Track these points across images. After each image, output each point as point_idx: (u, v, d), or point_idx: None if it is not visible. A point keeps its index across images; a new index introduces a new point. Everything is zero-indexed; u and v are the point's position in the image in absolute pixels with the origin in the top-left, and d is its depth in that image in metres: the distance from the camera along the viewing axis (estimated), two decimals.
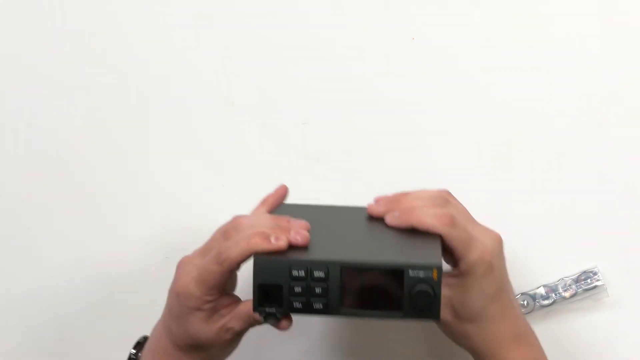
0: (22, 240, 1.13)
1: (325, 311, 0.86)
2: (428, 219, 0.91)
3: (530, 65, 1.05)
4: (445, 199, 0.94)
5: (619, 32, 1.05)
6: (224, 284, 0.90)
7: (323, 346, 1.12)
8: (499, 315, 0.94)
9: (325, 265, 0.86)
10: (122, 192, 1.11)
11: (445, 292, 0.91)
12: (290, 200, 0.98)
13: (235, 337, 0.93)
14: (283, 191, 0.97)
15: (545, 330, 1.09)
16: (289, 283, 0.86)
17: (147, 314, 1.13)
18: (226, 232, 0.90)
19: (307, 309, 0.86)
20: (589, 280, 1.08)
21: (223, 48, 1.07)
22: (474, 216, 0.95)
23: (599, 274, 1.08)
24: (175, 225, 1.11)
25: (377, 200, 0.96)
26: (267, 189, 0.97)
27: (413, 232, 0.91)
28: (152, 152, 1.10)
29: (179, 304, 0.91)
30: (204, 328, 0.91)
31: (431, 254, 0.87)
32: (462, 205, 0.95)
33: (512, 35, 1.05)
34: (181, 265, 0.92)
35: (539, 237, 1.09)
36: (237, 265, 0.88)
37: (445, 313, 0.92)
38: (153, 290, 1.13)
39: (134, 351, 0.99)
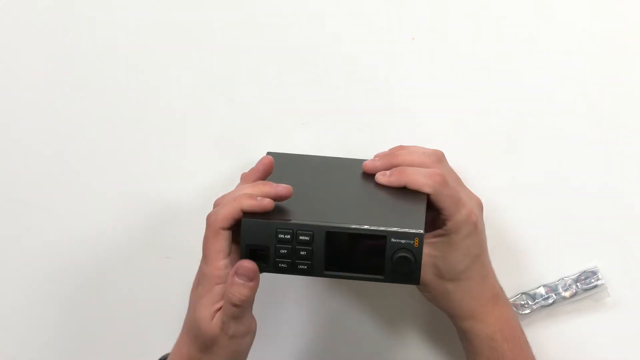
0: (21, 239, 1.13)
1: (309, 272, 0.91)
2: (420, 178, 0.94)
3: (530, 65, 1.05)
4: (439, 156, 0.99)
5: (620, 27, 1.05)
6: (226, 253, 0.92)
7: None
8: (480, 275, 0.97)
9: (310, 229, 0.89)
10: (122, 192, 1.11)
11: (429, 251, 0.95)
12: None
13: (231, 332, 0.92)
14: (264, 165, 0.97)
15: (545, 330, 1.10)
16: (275, 245, 0.90)
17: (147, 314, 1.13)
18: (214, 204, 0.94)
19: (292, 270, 0.91)
20: (589, 280, 1.08)
21: (223, 48, 1.07)
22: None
23: (599, 274, 1.08)
24: (175, 225, 1.11)
25: (375, 157, 1.00)
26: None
27: (402, 191, 0.95)
28: (152, 152, 1.10)
29: (194, 292, 0.93)
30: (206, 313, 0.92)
31: (415, 221, 0.90)
32: (451, 168, 0.99)
33: (512, 35, 1.05)
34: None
35: (539, 237, 1.09)
36: (228, 225, 0.91)
37: (427, 273, 0.96)
38: (153, 290, 1.13)
39: None
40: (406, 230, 0.89)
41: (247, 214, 0.90)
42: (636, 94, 1.06)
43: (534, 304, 1.09)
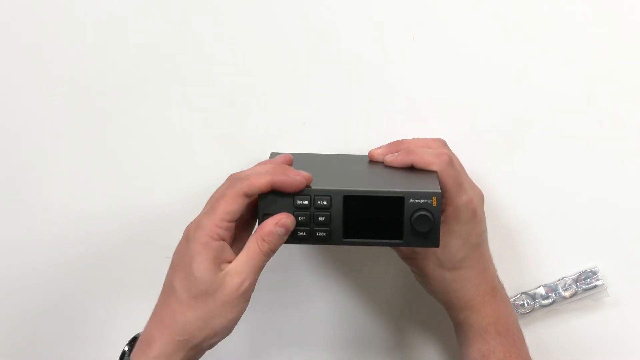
0: (20, 238, 1.13)
1: (327, 239, 0.90)
2: (427, 156, 0.95)
3: (531, 65, 1.05)
4: (443, 142, 1.01)
5: (621, 26, 1.05)
6: (233, 217, 0.90)
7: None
8: (479, 266, 0.98)
9: (328, 194, 0.89)
10: (121, 192, 1.11)
11: None
12: None
13: (242, 289, 0.90)
14: (289, 160, 0.97)
15: (545, 330, 1.10)
16: (293, 212, 0.90)
17: (146, 314, 1.13)
18: (235, 174, 0.92)
19: (311, 238, 0.90)
20: (589, 280, 1.09)
21: (223, 48, 1.07)
22: None
23: (599, 274, 1.09)
24: (175, 226, 1.11)
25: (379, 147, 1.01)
26: None
27: (411, 170, 0.96)
28: (151, 152, 1.10)
29: (186, 245, 0.91)
30: (210, 275, 0.89)
31: (430, 184, 0.91)
32: (455, 155, 1.00)
33: (512, 35, 1.05)
34: (187, 229, 0.92)
35: (539, 237, 1.09)
36: (252, 193, 0.89)
37: (428, 263, 0.97)
38: (153, 290, 1.13)
39: (128, 347, 0.98)
40: (423, 190, 0.89)
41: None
42: (637, 94, 1.06)
43: (534, 304, 1.09)
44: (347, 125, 1.07)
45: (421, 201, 0.89)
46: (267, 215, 0.90)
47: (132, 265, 1.13)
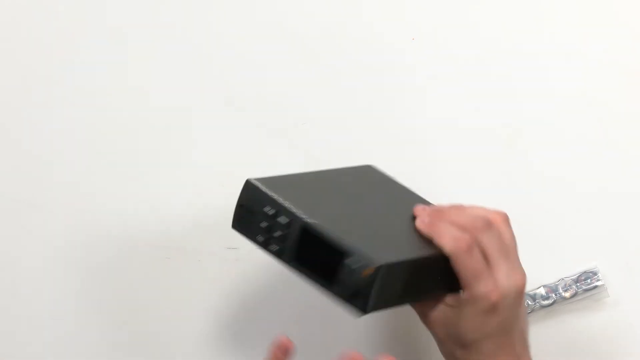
0: (19, 239, 1.13)
1: (278, 255, 0.89)
2: (446, 236, 0.89)
3: (531, 65, 1.05)
4: (487, 223, 0.90)
5: (622, 30, 1.05)
6: None
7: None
8: (491, 352, 0.91)
9: (291, 216, 0.88)
10: (121, 191, 1.11)
11: (443, 310, 0.90)
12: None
13: None
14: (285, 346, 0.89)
15: (545, 330, 1.10)
16: (260, 215, 0.89)
17: (146, 314, 1.13)
18: None
19: (265, 246, 0.89)
20: (589, 280, 1.08)
21: (222, 48, 1.07)
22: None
23: (599, 274, 1.08)
24: (175, 225, 1.11)
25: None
26: None
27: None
28: (151, 152, 1.10)
29: None
30: None
31: (389, 252, 0.86)
32: (508, 235, 0.91)
33: (513, 34, 1.05)
34: None
35: (539, 237, 1.09)
36: None
37: (440, 329, 0.91)
38: (153, 290, 1.13)
39: None
40: (365, 257, 0.84)
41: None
42: (637, 95, 1.06)
43: (534, 304, 1.09)
44: (346, 125, 1.08)
45: (354, 265, 0.84)
46: (242, 206, 0.90)
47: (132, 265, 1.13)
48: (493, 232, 0.90)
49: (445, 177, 1.08)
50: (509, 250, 0.91)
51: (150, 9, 1.07)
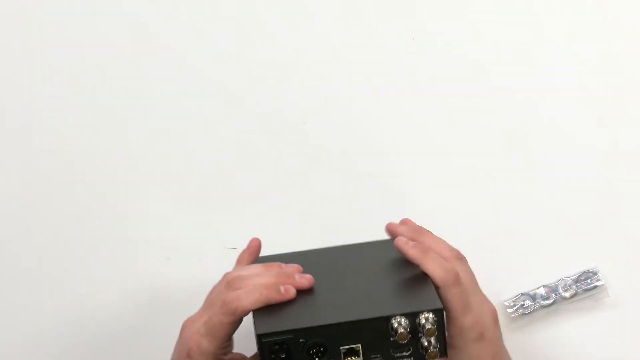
0: (21, 244, 1.13)
1: None
2: (437, 268, 0.90)
3: (531, 65, 1.05)
4: (460, 254, 0.94)
5: (620, 28, 1.05)
6: (232, 336, 0.90)
7: None
8: None
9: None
10: (121, 191, 1.11)
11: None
12: (288, 201, 0.98)
13: None
14: (256, 245, 0.95)
15: (545, 330, 1.10)
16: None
17: (146, 314, 1.13)
18: (230, 283, 0.90)
19: None
20: (589, 280, 1.08)
21: (222, 48, 1.07)
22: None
23: (599, 274, 1.08)
24: (175, 225, 1.11)
25: (403, 222, 0.96)
26: (265, 188, 0.97)
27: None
28: (150, 151, 1.10)
29: None
30: None
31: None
32: (470, 269, 0.94)
33: (512, 34, 1.05)
34: (186, 327, 0.91)
35: (539, 237, 1.09)
36: (248, 313, 0.88)
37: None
38: (153, 290, 1.13)
39: None
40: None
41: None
42: (636, 95, 1.06)
43: (534, 305, 1.09)
44: (345, 125, 1.08)
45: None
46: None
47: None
48: (465, 265, 0.94)
49: (445, 176, 1.08)
50: (475, 281, 0.94)
51: (150, 7, 1.07)
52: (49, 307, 1.13)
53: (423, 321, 0.85)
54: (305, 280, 0.89)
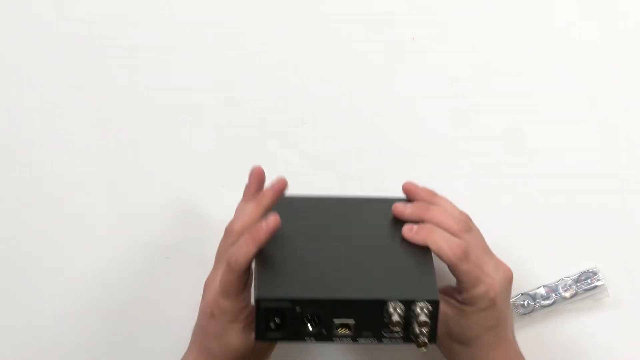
0: (19, 241, 1.13)
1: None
2: (444, 246, 0.92)
3: (530, 65, 1.05)
4: (467, 224, 0.95)
5: (620, 28, 1.05)
6: (246, 289, 0.92)
7: None
8: (491, 344, 0.95)
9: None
10: (121, 192, 1.11)
11: (444, 309, 0.93)
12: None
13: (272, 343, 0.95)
14: (257, 173, 0.97)
15: (545, 330, 1.10)
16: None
17: (146, 314, 1.13)
18: (226, 235, 0.94)
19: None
20: (589, 280, 1.08)
21: (223, 48, 1.07)
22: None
23: (599, 274, 1.08)
24: (175, 225, 1.11)
25: (407, 188, 0.98)
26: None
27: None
28: (151, 151, 1.10)
29: (216, 323, 0.93)
30: (245, 339, 0.92)
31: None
32: (480, 234, 0.96)
33: (512, 34, 1.05)
34: (207, 286, 0.95)
35: (539, 238, 1.09)
36: (248, 264, 0.91)
37: (440, 329, 0.92)
38: (153, 290, 1.13)
39: None
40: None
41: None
42: (636, 95, 1.06)
43: (534, 304, 1.09)
44: (344, 126, 1.08)
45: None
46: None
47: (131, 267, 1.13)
48: (473, 232, 0.95)
49: (445, 176, 1.08)
50: (486, 246, 0.96)
51: (150, 8, 1.07)
52: (48, 307, 1.13)
53: (418, 310, 0.87)
54: (271, 221, 0.90)
